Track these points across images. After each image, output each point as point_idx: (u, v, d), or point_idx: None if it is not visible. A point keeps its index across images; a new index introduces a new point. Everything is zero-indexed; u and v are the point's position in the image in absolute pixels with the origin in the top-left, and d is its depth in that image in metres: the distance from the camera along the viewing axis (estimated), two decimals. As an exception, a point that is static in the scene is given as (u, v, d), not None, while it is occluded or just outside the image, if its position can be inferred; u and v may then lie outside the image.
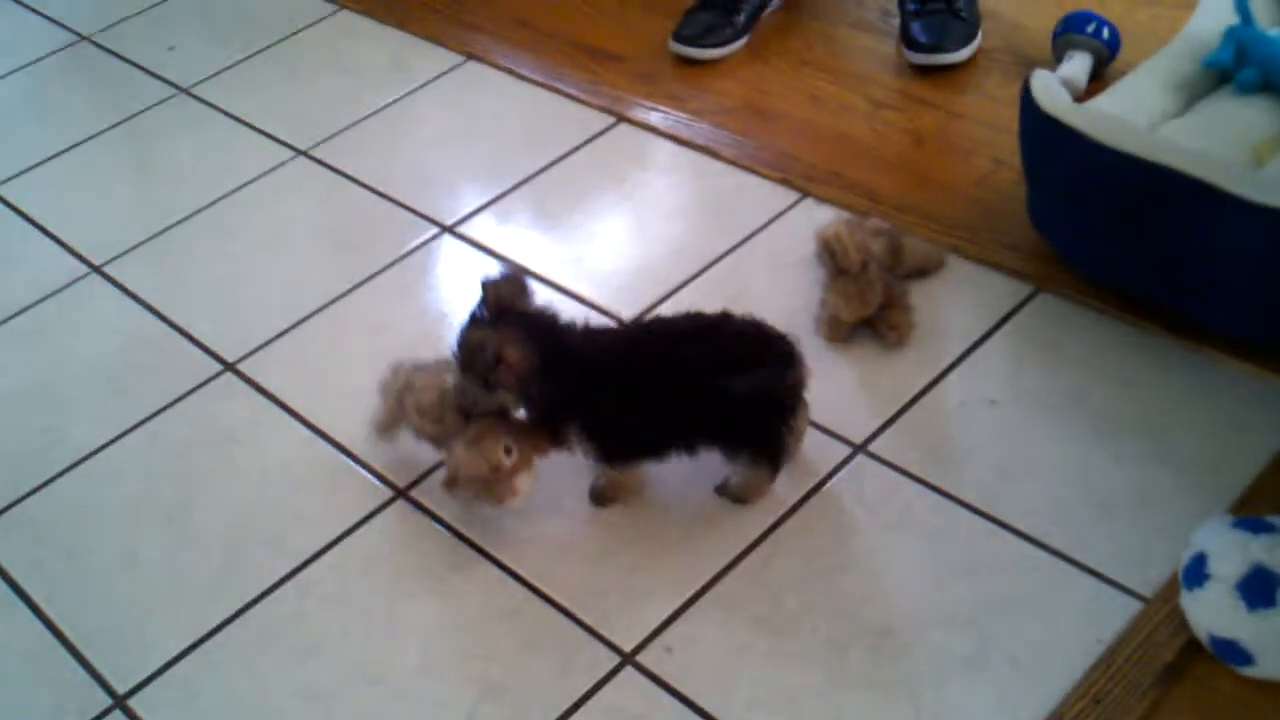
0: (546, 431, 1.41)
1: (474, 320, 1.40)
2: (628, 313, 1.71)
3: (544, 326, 1.39)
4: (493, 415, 1.41)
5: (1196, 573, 1.21)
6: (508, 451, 1.38)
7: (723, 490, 1.44)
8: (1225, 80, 1.74)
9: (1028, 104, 1.62)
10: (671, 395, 1.36)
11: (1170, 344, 1.55)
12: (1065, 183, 1.61)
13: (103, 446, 1.64)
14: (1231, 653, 1.19)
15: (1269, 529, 1.20)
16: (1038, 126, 1.61)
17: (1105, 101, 1.72)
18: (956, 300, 1.66)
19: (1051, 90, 1.61)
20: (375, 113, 2.18)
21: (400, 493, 1.52)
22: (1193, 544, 1.23)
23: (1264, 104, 1.68)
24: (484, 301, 1.40)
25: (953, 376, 1.56)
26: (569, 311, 1.61)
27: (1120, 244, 1.57)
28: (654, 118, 2.06)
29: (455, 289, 1.83)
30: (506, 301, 1.40)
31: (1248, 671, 1.20)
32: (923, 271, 1.69)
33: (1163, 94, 1.73)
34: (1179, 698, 1.22)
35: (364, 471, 1.55)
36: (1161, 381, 1.51)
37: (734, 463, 1.41)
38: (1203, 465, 1.41)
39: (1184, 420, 1.46)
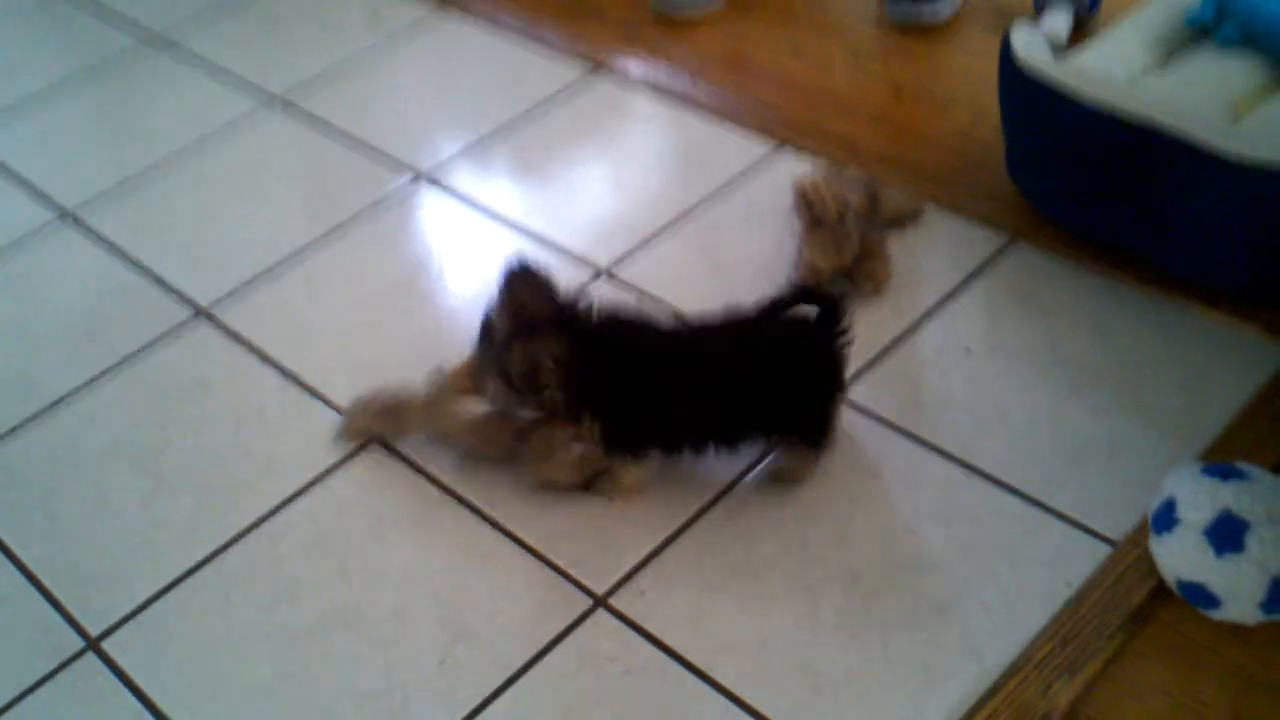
0: (571, 421, 1.37)
1: (491, 324, 1.37)
2: (604, 260, 1.71)
3: (573, 323, 1.35)
4: (541, 421, 1.40)
5: (1166, 518, 1.22)
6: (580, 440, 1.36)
7: (776, 476, 1.41)
8: (1206, 36, 1.73)
9: (1007, 57, 1.61)
10: (721, 389, 1.33)
11: (1145, 294, 1.55)
12: (1043, 136, 1.61)
13: (76, 390, 1.63)
14: (1199, 596, 1.21)
15: (1238, 475, 1.21)
16: (1017, 79, 1.60)
17: (1085, 56, 1.71)
18: (933, 250, 1.66)
19: (1031, 43, 1.60)
20: (350, 60, 2.17)
21: (373, 437, 1.51)
22: (1162, 490, 1.24)
23: (1243, 60, 1.67)
24: (505, 304, 1.36)
25: (929, 326, 1.56)
26: (546, 260, 1.62)
27: (1097, 196, 1.57)
28: (633, 67, 2.05)
29: (429, 236, 1.82)
30: (528, 302, 1.36)
31: (1215, 614, 1.21)
32: (900, 222, 1.69)
33: (1143, 49, 1.72)
34: (1146, 641, 1.22)
35: (338, 416, 1.54)
36: (1135, 331, 1.51)
37: (782, 448, 1.40)
38: (1174, 414, 1.42)
39: (1157, 370, 1.47)
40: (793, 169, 1.77)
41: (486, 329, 1.38)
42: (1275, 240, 1.46)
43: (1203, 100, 1.62)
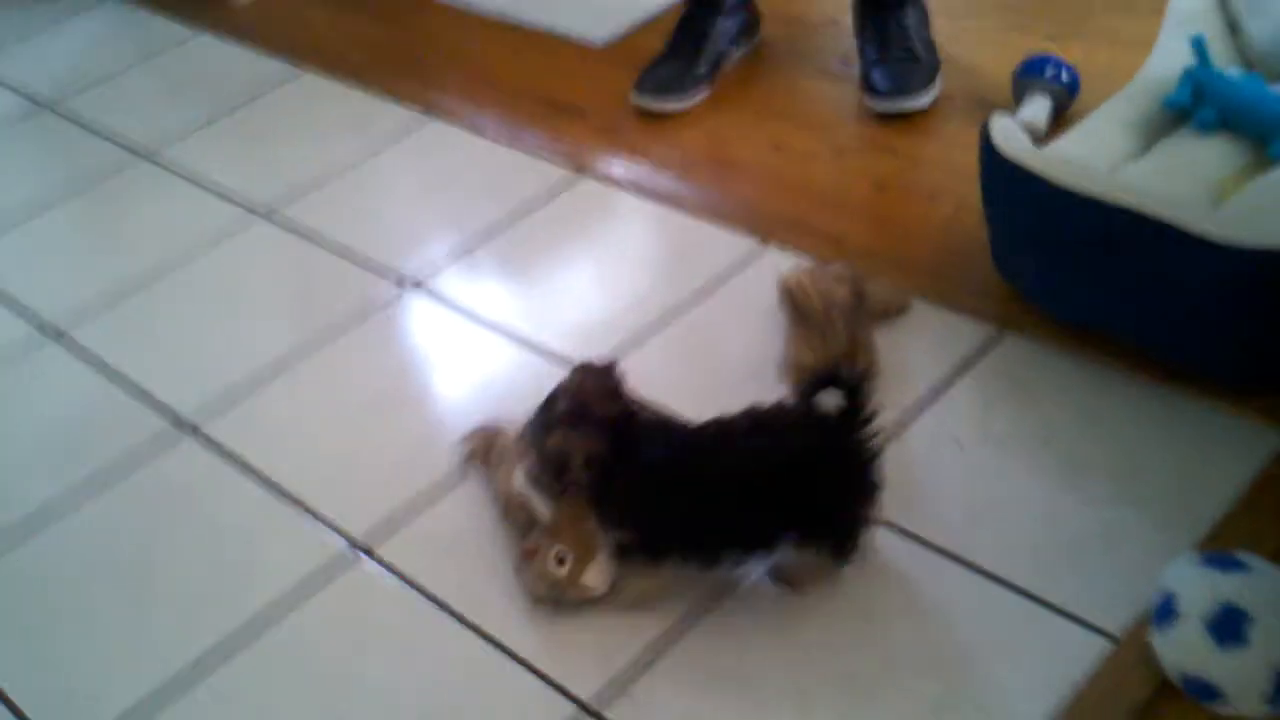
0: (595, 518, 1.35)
1: (550, 408, 1.37)
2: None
3: (620, 425, 1.35)
4: (545, 523, 1.38)
5: (1166, 611, 1.19)
6: (561, 561, 1.33)
7: (779, 577, 1.36)
8: (1184, 120, 1.74)
9: (987, 148, 1.62)
10: (757, 489, 1.29)
11: (1137, 382, 1.53)
12: (1027, 226, 1.61)
13: (58, 509, 1.61)
14: (1202, 690, 1.17)
15: (1238, 566, 1.19)
16: (997, 170, 1.61)
17: (1065, 144, 1.72)
18: (921, 344, 1.65)
19: (1010, 134, 1.61)
20: (337, 173, 2.18)
21: (364, 550, 1.49)
22: (1161, 583, 1.21)
23: (1223, 143, 1.68)
24: (567, 388, 1.37)
25: (918, 420, 1.54)
26: (534, 366, 1.61)
27: (1085, 285, 1.56)
28: (616, 170, 2.06)
29: (414, 342, 1.81)
30: (589, 394, 1.36)
31: (1219, 709, 1.18)
32: (886, 316, 1.68)
33: (1123, 135, 1.73)
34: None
35: (325, 528, 1.52)
36: (1129, 420, 1.50)
37: (807, 550, 1.33)
38: (1170, 503, 1.39)
39: (1152, 459, 1.45)
40: (778, 265, 1.77)
41: (545, 405, 1.38)
42: (1262, 324, 1.44)
43: (1184, 184, 1.62)
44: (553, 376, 1.65)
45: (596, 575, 1.35)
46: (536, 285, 1.88)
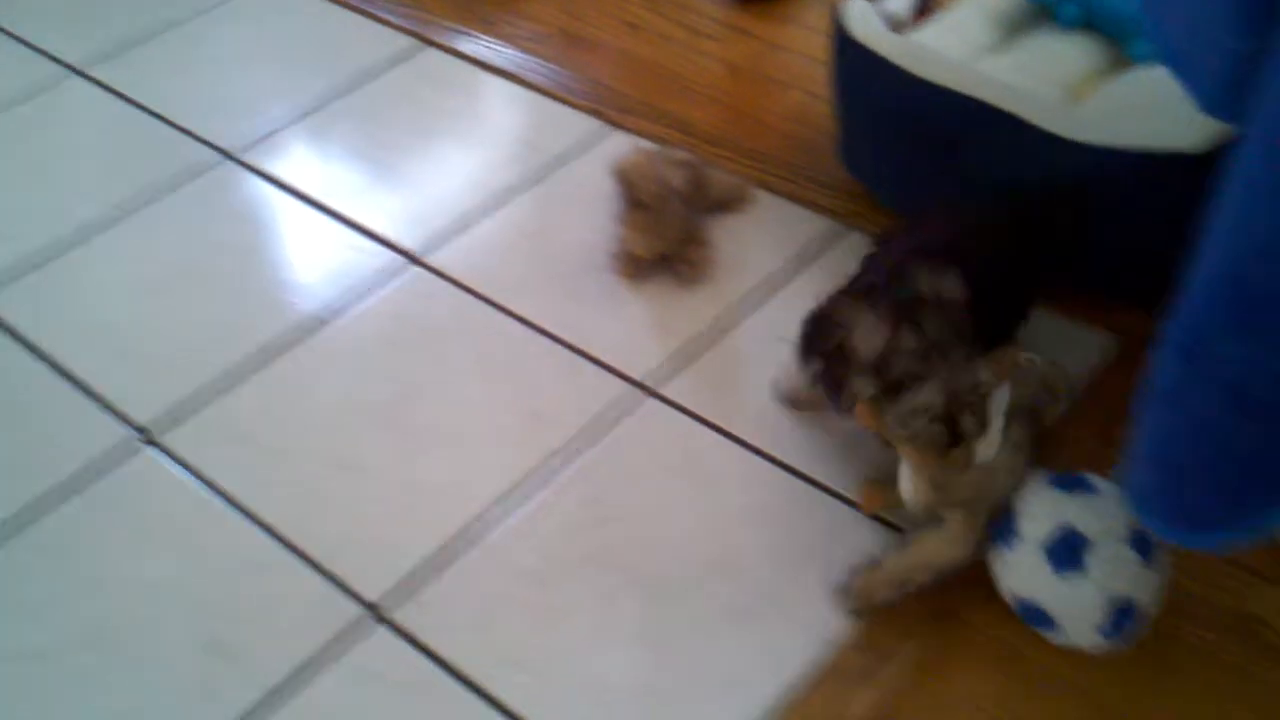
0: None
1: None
2: (416, 245, 1.60)
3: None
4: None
5: (1005, 530, 1.13)
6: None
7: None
8: (1048, 16, 1.68)
9: (839, 31, 1.54)
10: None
11: (976, 284, 1.48)
12: (876, 116, 1.54)
13: None
14: (1036, 616, 1.12)
15: (1084, 487, 1.12)
16: (849, 55, 1.53)
17: (925, 34, 1.65)
18: (761, 237, 1.58)
19: (865, 18, 1.53)
20: (161, 30, 2.02)
21: (149, 440, 1.39)
22: (1008, 507, 1.14)
23: (1084, 41, 1.62)
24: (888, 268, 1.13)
25: (751, 316, 1.48)
26: (356, 247, 1.51)
27: (931, 179, 1.50)
28: (461, 42, 1.94)
29: (231, 218, 1.69)
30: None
31: (1052, 637, 1.12)
32: (727, 206, 1.61)
33: (985, 28, 1.66)
34: (951, 644, 1.16)
35: (108, 414, 1.41)
36: (964, 322, 1.44)
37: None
38: (999, 408, 1.35)
39: (984, 362, 1.40)
40: (622, 150, 1.67)
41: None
42: (1106, 226, 1.40)
43: (1042, 80, 1.56)
44: (375, 257, 1.56)
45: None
46: (366, 160, 1.77)
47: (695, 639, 1.17)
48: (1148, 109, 1.35)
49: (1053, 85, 1.56)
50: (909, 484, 1.15)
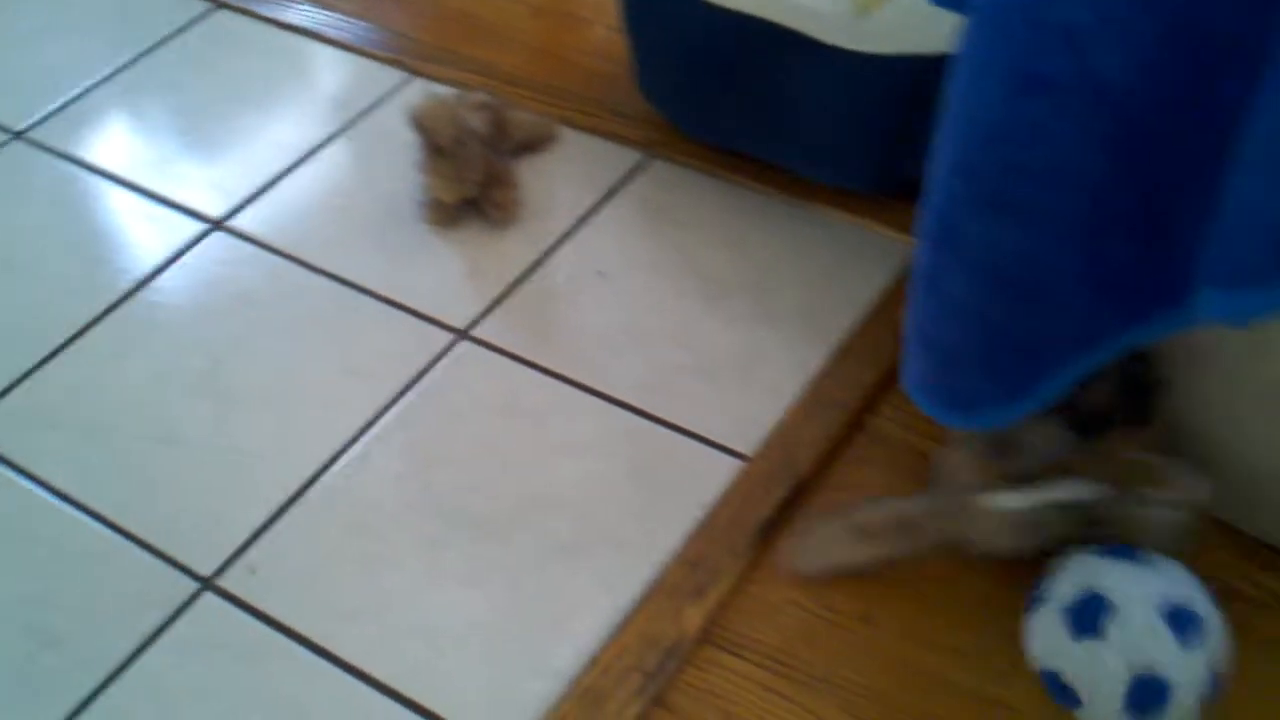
0: None
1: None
2: (218, 211, 1.57)
3: None
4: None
5: (1036, 598, 1.06)
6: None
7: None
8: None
9: (624, -40, 1.54)
10: None
11: (777, 201, 1.52)
12: (664, 42, 1.55)
13: None
14: (1057, 689, 1.03)
15: (1131, 558, 1.03)
16: (636, -16, 1.53)
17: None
18: (568, 174, 1.59)
19: (649, -55, 1.53)
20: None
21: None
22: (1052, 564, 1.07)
23: (867, -46, 1.65)
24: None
25: (561, 252, 1.49)
26: (156, 219, 1.48)
27: (721, 102, 1.52)
28: (256, 3, 1.90)
29: (28, 202, 1.63)
30: None
31: (1081, 716, 1.03)
32: (533, 146, 1.61)
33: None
34: (778, 553, 1.19)
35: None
36: (768, 240, 1.48)
37: None
38: (805, 318, 1.39)
39: (789, 276, 1.44)
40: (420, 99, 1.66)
41: None
42: (894, 133, 1.44)
43: (826, -1, 1.59)
44: (179, 227, 1.53)
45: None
46: (165, 130, 1.72)
47: (525, 575, 1.19)
48: (936, 15, 1.38)
49: (835, 2, 1.59)
50: None
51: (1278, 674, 1.07)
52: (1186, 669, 0.97)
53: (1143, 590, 0.99)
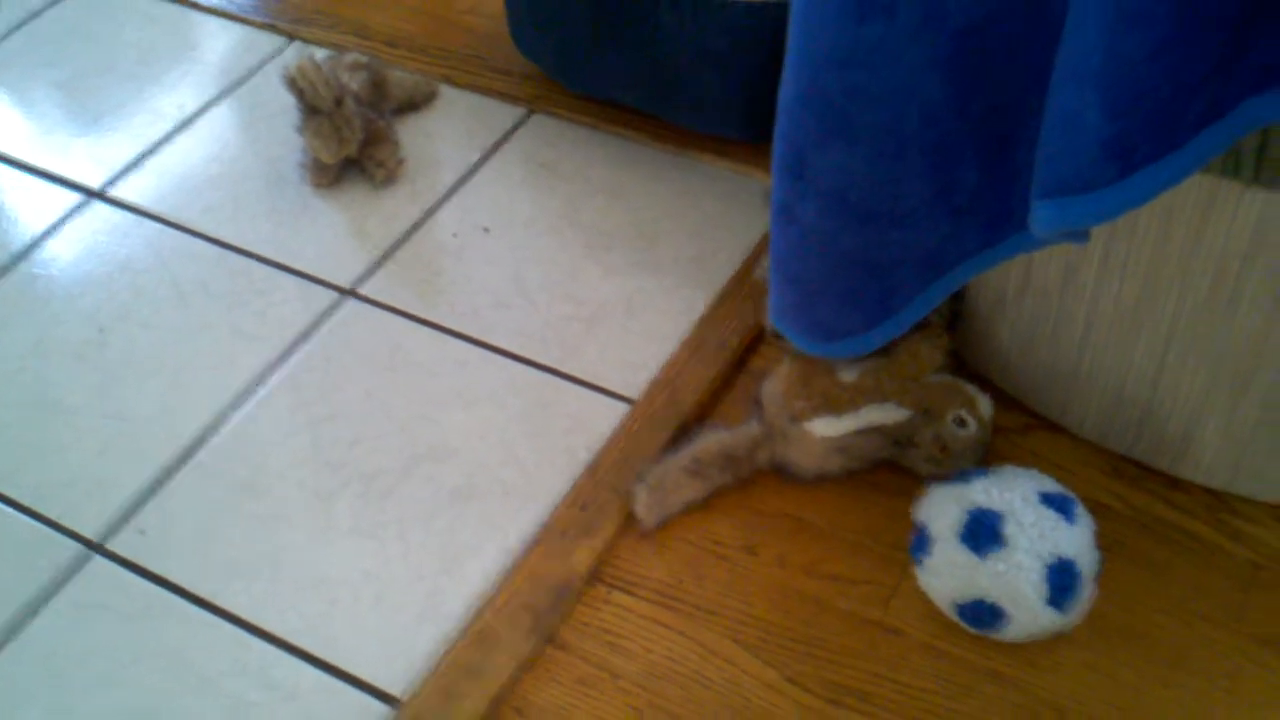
0: None
1: None
2: (97, 181, 1.56)
3: None
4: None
5: (921, 543, 1.07)
6: (962, 422, 1.15)
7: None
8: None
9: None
10: None
11: (659, 152, 1.54)
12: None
13: None
14: (982, 616, 1.03)
15: (977, 473, 1.07)
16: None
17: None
18: (449, 131, 1.59)
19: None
20: None
21: None
22: (914, 522, 1.09)
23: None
24: None
25: (445, 209, 1.50)
26: (28, 189, 1.46)
27: (597, 55, 1.53)
28: (126, -30, 1.87)
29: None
30: None
31: (1008, 633, 1.04)
32: (414, 105, 1.61)
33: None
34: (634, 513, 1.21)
35: None
36: (650, 190, 1.50)
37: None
38: (689, 265, 1.41)
39: (672, 225, 1.46)
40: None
41: None
42: (770, 80, 1.45)
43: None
44: (57, 198, 1.52)
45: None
46: (40, 104, 1.70)
47: (415, 524, 1.21)
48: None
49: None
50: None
51: (1148, 584, 1.12)
52: (1083, 546, 1.02)
53: (1015, 492, 1.02)
